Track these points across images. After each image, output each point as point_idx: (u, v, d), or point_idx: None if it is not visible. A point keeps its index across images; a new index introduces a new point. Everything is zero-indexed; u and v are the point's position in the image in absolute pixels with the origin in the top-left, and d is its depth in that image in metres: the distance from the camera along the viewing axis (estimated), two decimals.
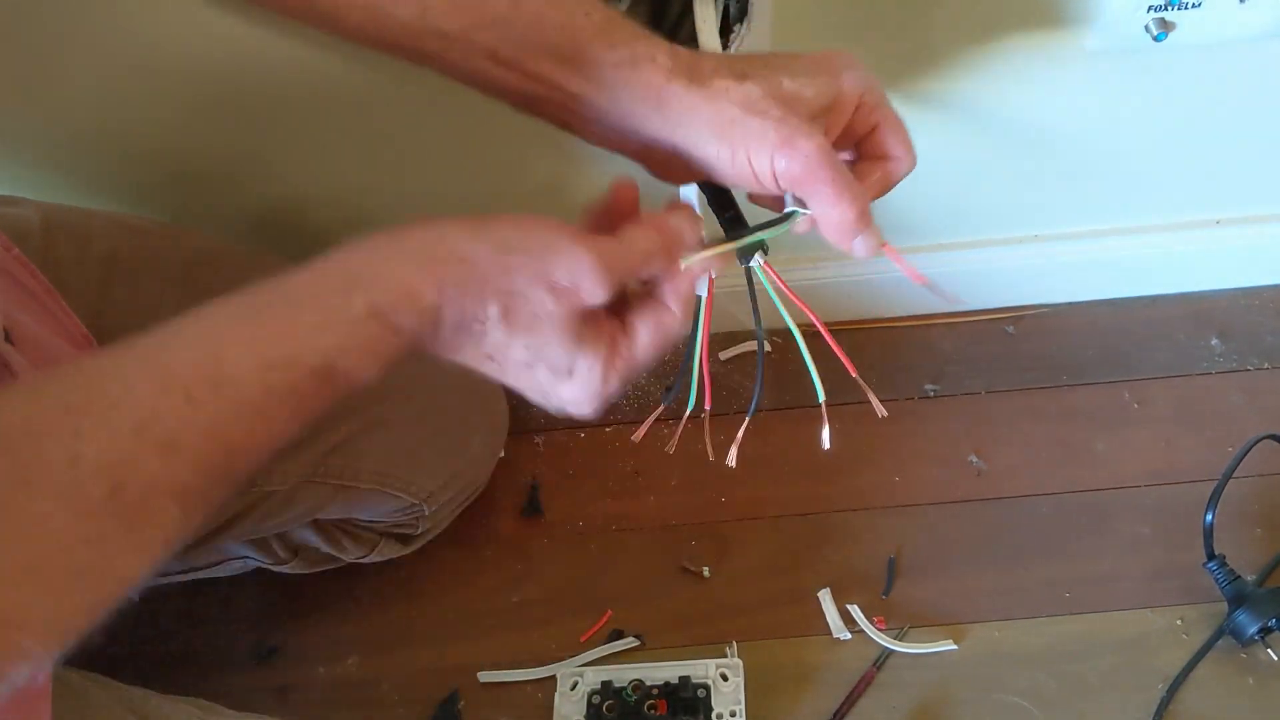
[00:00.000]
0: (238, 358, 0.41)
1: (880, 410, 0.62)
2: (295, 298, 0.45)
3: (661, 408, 0.67)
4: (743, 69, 0.53)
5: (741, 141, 0.52)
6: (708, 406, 0.62)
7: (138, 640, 0.93)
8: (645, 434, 0.63)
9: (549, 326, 0.48)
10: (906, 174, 0.59)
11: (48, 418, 0.38)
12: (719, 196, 0.59)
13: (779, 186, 0.54)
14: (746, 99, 0.52)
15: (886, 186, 0.59)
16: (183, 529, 0.39)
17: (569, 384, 0.50)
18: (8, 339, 0.58)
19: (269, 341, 0.43)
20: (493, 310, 0.48)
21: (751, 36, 0.73)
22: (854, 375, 0.61)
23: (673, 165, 0.56)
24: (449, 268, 0.47)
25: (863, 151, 0.59)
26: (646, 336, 0.52)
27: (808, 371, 0.61)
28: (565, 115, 0.58)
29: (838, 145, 0.56)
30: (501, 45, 0.56)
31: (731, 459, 0.61)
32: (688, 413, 0.61)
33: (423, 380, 0.82)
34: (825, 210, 0.54)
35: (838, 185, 0.53)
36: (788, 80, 0.53)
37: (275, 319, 0.44)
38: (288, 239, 0.92)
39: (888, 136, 0.58)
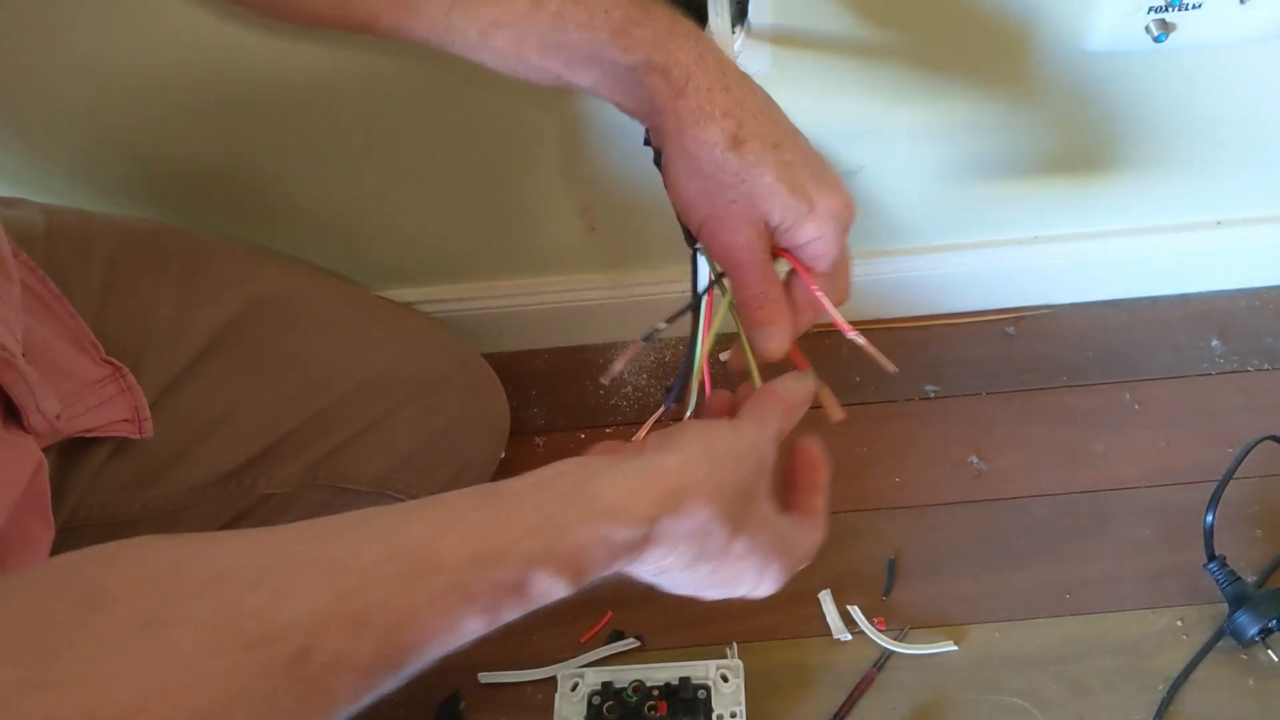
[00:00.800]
0: (454, 546, 0.41)
1: (889, 366, 0.62)
2: (517, 499, 0.44)
3: (662, 409, 0.67)
4: (746, 133, 0.54)
5: (699, 194, 0.55)
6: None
7: None
8: (645, 435, 0.63)
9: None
10: (811, 321, 0.60)
11: (262, 564, 0.37)
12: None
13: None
14: (721, 165, 0.54)
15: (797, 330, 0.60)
16: (353, 702, 0.38)
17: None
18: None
19: (483, 533, 0.42)
20: (700, 564, 0.48)
21: (750, 39, 0.73)
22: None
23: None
24: (678, 521, 0.46)
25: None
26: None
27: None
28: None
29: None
30: (520, 44, 0.57)
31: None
32: (689, 414, 0.61)
33: (422, 381, 0.82)
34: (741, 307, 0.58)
35: (751, 289, 0.56)
36: (769, 177, 0.54)
37: (490, 514, 0.43)
38: (289, 241, 0.92)
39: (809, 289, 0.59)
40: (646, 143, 0.60)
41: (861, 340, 0.60)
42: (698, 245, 0.60)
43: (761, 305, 0.56)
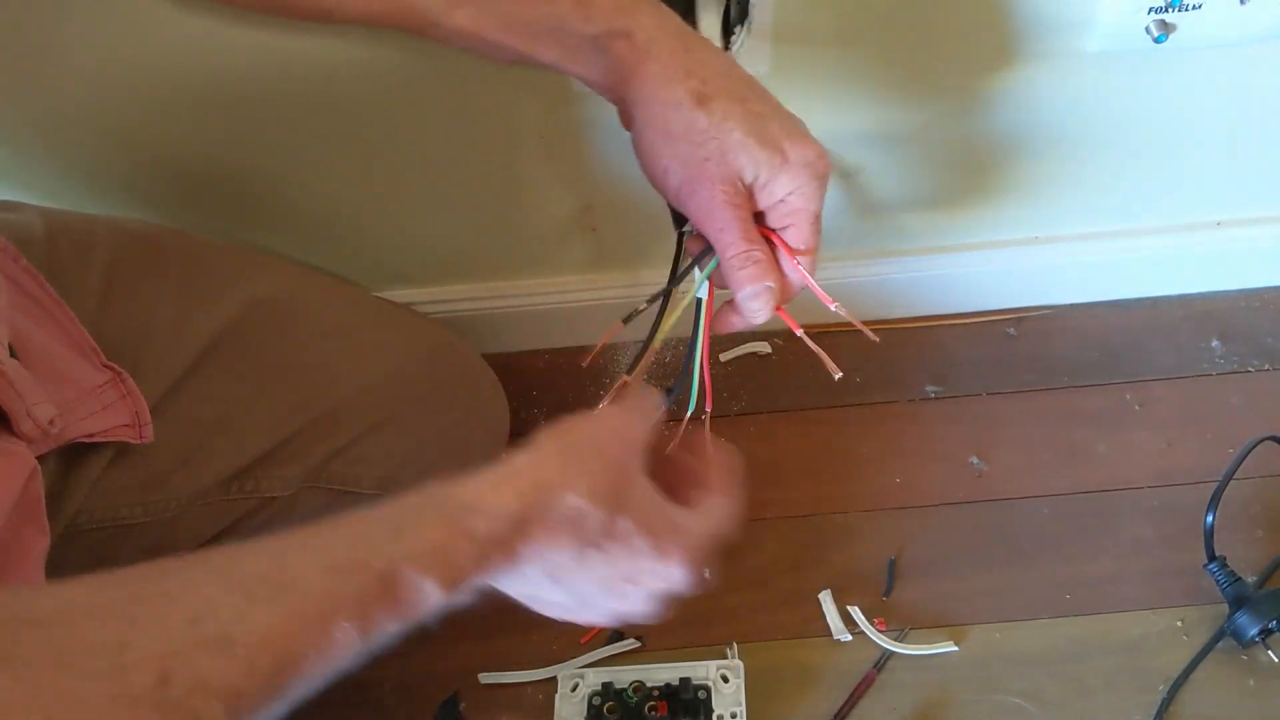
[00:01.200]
0: (302, 563, 0.41)
1: (871, 336, 0.63)
2: (371, 515, 0.45)
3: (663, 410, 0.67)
4: (712, 90, 0.54)
5: (672, 159, 0.55)
6: (708, 409, 0.62)
7: None
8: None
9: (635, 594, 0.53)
10: (798, 285, 0.59)
11: (106, 601, 0.37)
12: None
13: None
14: (690, 124, 0.54)
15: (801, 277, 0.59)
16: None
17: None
18: (12, 354, 0.58)
19: (338, 547, 0.43)
20: (588, 553, 0.50)
21: (752, 40, 0.73)
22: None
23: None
24: (543, 511, 0.48)
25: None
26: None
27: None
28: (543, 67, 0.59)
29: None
30: (480, 22, 0.57)
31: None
32: (689, 415, 0.61)
33: (422, 383, 0.82)
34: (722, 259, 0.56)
35: (734, 249, 0.55)
36: (739, 132, 0.54)
37: (348, 530, 0.44)
38: (290, 243, 0.92)
39: (787, 238, 0.57)
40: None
41: (844, 313, 0.60)
42: (685, 228, 0.60)
43: (744, 265, 0.55)
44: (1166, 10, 0.73)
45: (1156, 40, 0.75)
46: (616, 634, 0.90)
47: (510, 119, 0.82)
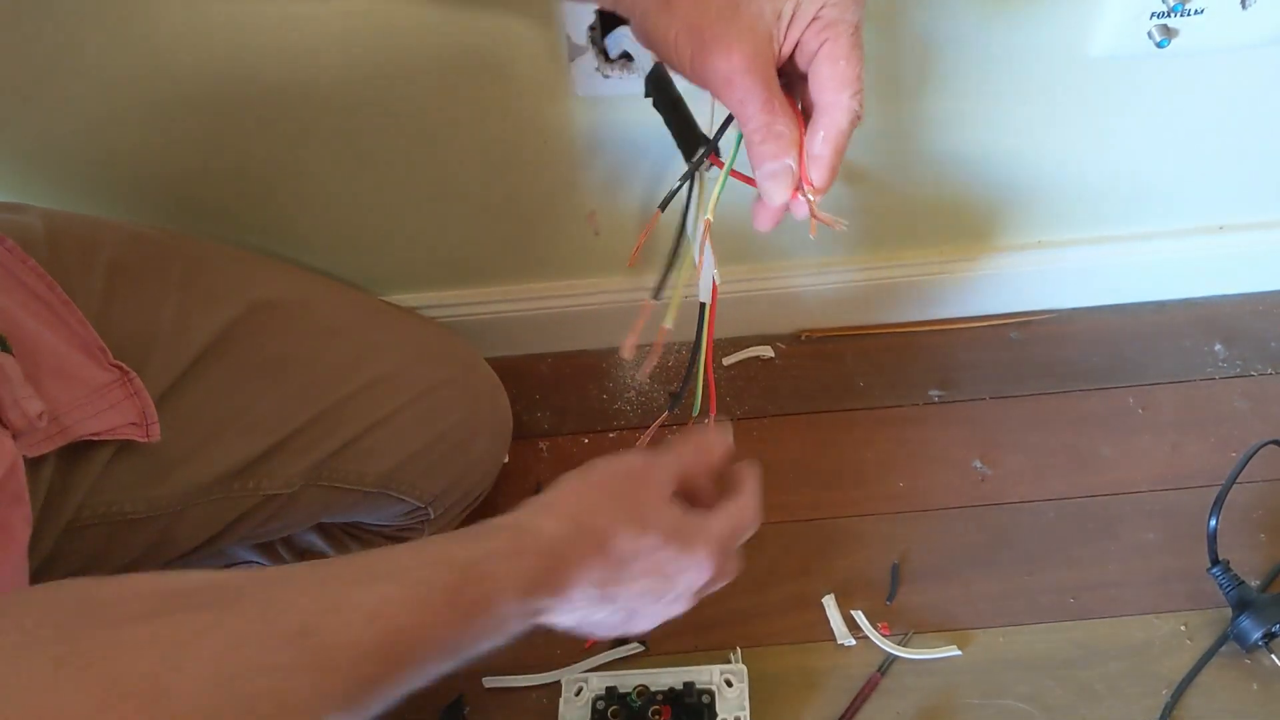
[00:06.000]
0: (398, 558, 0.47)
1: (840, 225, 0.54)
2: (448, 534, 0.52)
3: (666, 414, 0.68)
4: None
5: (682, 29, 0.51)
6: (712, 414, 0.62)
7: None
8: (648, 440, 0.63)
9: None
10: (849, 122, 0.52)
11: (250, 579, 0.43)
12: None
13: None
14: None
15: (833, 141, 0.52)
16: (351, 695, 0.42)
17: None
18: (6, 348, 0.59)
19: (424, 549, 0.49)
20: (620, 571, 0.55)
21: None
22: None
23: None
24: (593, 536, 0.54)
25: (809, 87, 0.53)
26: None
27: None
28: None
29: (791, 62, 0.53)
30: None
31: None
32: (693, 418, 0.61)
33: (426, 384, 0.82)
34: (747, 138, 0.52)
35: (754, 121, 0.51)
36: None
37: (431, 540, 0.51)
38: (294, 247, 0.92)
39: (823, 68, 0.51)
40: (647, 94, 0.58)
41: (814, 201, 0.54)
42: (697, 156, 0.57)
43: (765, 139, 0.51)
44: (1168, 15, 0.73)
45: (1159, 45, 0.75)
46: (620, 638, 0.89)
47: (514, 124, 0.82)
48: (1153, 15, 0.73)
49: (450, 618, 0.46)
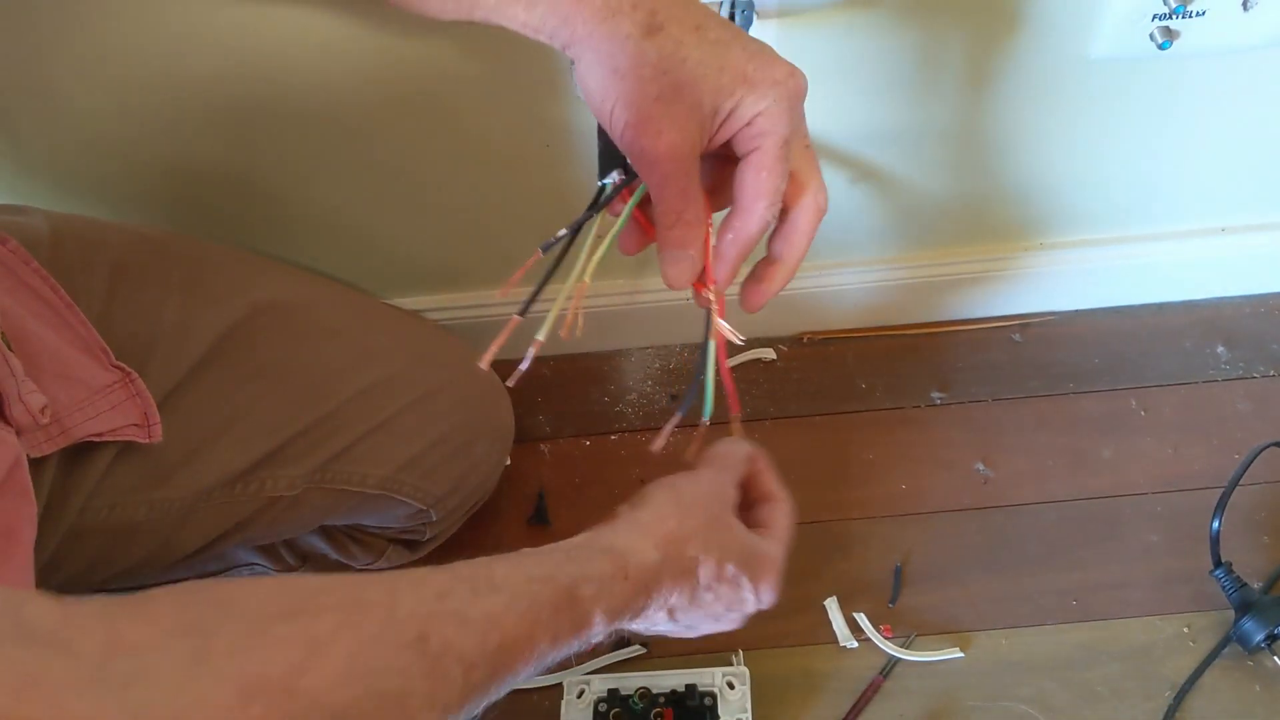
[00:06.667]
0: (507, 572, 0.48)
1: (739, 339, 0.61)
2: (544, 549, 0.53)
3: (678, 416, 0.67)
4: (664, 19, 0.50)
5: (619, 100, 0.50)
6: (735, 411, 0.61)
7: None
8: (662, 444, 0.63)
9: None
10: (757, 229, 0.53)
11: (365, 578, 0.44)
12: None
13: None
14: (639, 58, 0.49)
15: (740, 244, 0.54)
16: (460, 698, 0.43)
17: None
18: (7, 345, 0.59)
19: (532, 564, 0.50)
20: (702, 594, 0.58)
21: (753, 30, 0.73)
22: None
23: None
24: (675, 551, 0.56)
25: (733, 184, 0.54)
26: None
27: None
28: None
29: (727, 150, 0.53)
30: None
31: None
32: (705, 420, 0.61)
33: (428, 386, 0.82)
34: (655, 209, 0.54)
35: (667, 204, 0.52)
36: (693, 61, 0.49)
37: (535, 555, 0.52)
38: (297, 249, 0.92)
39: (746, 175, 0.52)
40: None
41: (725, 327, 0.58)
42: (606, 179, 0.56)
43: (673, 225, 0.52)
44: (1170, 17, 0.73)
45: (1160, 47, 0.75)
46: (623, 640, 0.89)
47: (516, 125, 0.82)
48: (1154, 17, 0.73)
49: (552, 633, 0.48)
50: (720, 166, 0.55)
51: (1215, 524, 0.85)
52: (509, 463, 0.96)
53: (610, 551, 0.53)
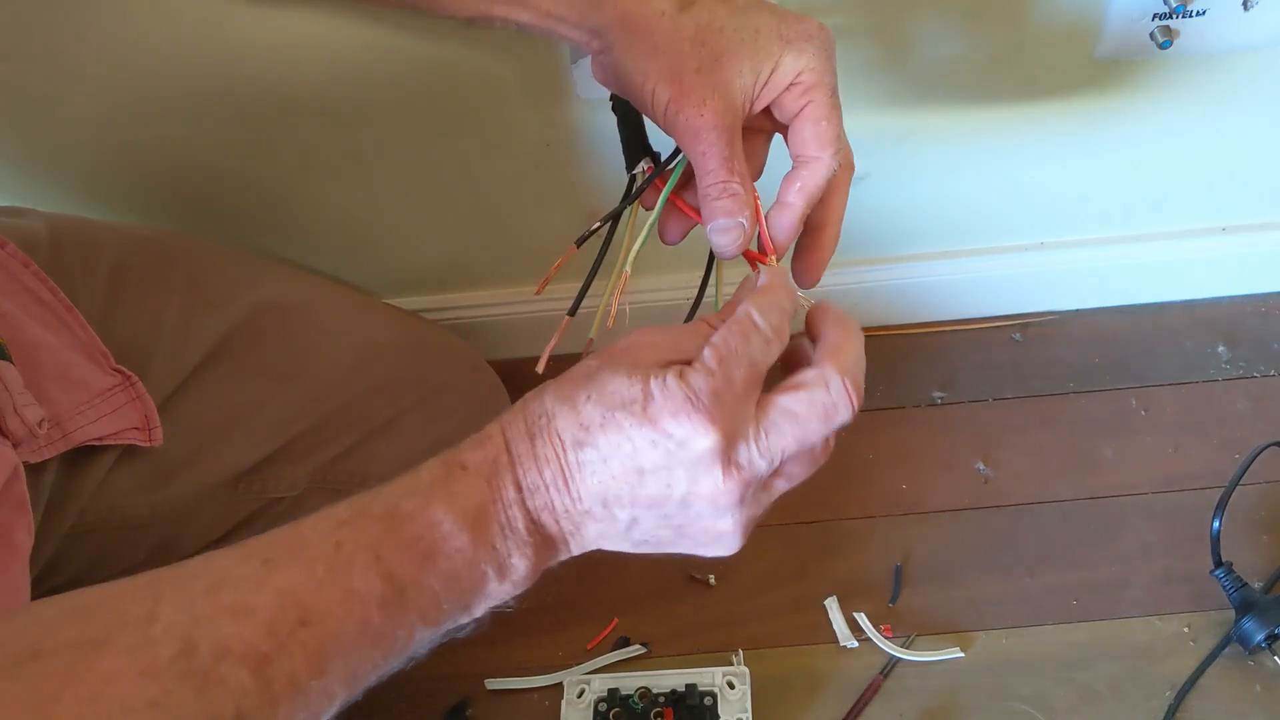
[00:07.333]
0: (314, 524, 0.41)
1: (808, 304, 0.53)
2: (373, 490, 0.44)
3: (566, 319, 0.66)
4: None
5: (659, 77, 0.51)
6: (771, 253, 0.61)
7: None
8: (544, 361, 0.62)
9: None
10: (825, 178, 0.53)
11: (134, 586, 0.38)
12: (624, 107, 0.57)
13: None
14: (674, 32, 0.50)
15: (809, 192, 0.53)
16: (258, 701, 0.37)
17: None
18: (5, 356, 0.59)
19: (343, 506, 0.42)
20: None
21: None
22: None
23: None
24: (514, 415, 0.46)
25: (788, 141, 0.54)
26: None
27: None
28: None
29: (758, 121, 0.54)
30: None
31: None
32: (592, 336, 0.60)
33: (428, 386, 0.82)
34: (699, 180, 0.52)
35: (712, 176, 0.51)
36: (729, 29, 0.50)
37: (358, 496, 0.44)
38: (297, 250, 0.92)
39: (805, 128, 0.52)
40: (613, 109, 0.58)
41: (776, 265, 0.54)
42: (637, 169, 0.57)
43: (720, 195, 0.51)
44: (1171, 17, 0.73)
45: (1161, 46, 0.75)
46: (623, 640, 0.90)
47: (516, 126, 0.82)
48: (1155, 17, 0.73)
49: (384, 578, 0.40)
50: (748, 137, 0.55)
51: (1215, 524, 0.84)
52: None
53: (439, 458, 0.44)
